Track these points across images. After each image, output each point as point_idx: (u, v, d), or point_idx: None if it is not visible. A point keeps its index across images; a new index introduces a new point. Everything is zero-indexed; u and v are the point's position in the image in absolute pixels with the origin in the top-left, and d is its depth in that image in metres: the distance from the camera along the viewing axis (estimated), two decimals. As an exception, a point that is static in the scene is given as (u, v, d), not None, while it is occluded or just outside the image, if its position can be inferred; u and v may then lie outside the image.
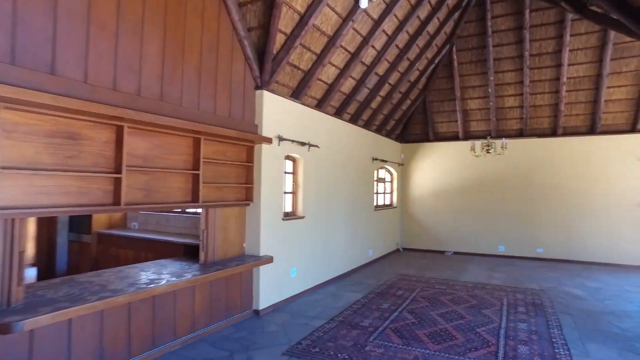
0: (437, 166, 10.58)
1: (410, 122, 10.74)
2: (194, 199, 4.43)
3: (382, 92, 8.45)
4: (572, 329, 4.85)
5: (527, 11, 8.01)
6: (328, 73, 6.66)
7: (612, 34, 7.78)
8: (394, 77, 8.34)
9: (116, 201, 3.52)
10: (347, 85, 7.34)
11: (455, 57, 9.20)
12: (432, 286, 6.88)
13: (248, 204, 5.33)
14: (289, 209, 6.38)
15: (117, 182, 3.53)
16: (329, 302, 5.95)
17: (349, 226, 7.93)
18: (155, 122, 3.74)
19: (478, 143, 8.87)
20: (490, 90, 9.30)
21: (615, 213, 8.80)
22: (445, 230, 10.40)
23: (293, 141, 6.02)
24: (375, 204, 9.40)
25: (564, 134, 9.37)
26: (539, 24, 8.21)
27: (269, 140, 5.29)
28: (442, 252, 10.34)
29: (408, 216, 10.87)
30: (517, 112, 9.58)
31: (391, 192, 10.81)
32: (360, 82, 7.47)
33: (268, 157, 5.53)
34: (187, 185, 4.41)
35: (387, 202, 10.59)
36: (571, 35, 8.09)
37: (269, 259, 5.26)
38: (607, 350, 4.28)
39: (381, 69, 7.79)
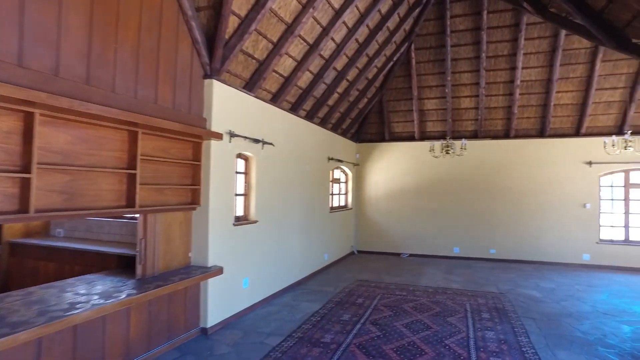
0: (393, 167, 10.39)
1: (366, 121, 10.46)
2: (130, 204, 3.72)
3: (340, 89, 8.06)
4: (539, 336, 4.71)
5: (485, 12, 7.97)
6: (285, 65, 6.14)
7: (562, 39, 7.94)
8: (352, 74, 7.98)
9: (23, 207, 2.78)
10: (304, 79, 6.86)
11: (413, 55, 9.01)
12: (392, 292, 6.57)
13: (194, 208, 4.69)
14: (240, 212, 5.78)
15: (25, 184, 2.79)
16: (285, 315, 5.44)
17: (305, 230, 7.45)
18: (79, 110, 3.03)
19: (437, 144, 8.74)
20: (447, 90, 9.23)
21: (563, 213, 9.05)
22: (401, 232, 10.23)
23: (246, 138, 5.43)
24: (330, 205, 9.00)
25: (517, 136, 9.52)
26: (495, 26, 8.21)
27: (218, 136, 4.68)
28: (398, 255, 10.17)
29: (363, 218, 10.59)
30: (472, 114, 9.60)
31: (346, 193, 10.48)
32: (318, 77, 7.02)
33: (218, 155, 4.91)
34: (121, 187, 3.71)
35: (342, 203, 10.24)
36: (525, 39, 8.16)
37: (218, 270, 4.65)
38: (576, 356, 4.16)
39: (340, 63, 7.39)
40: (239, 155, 5.64)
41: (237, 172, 5.54)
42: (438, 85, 9.38)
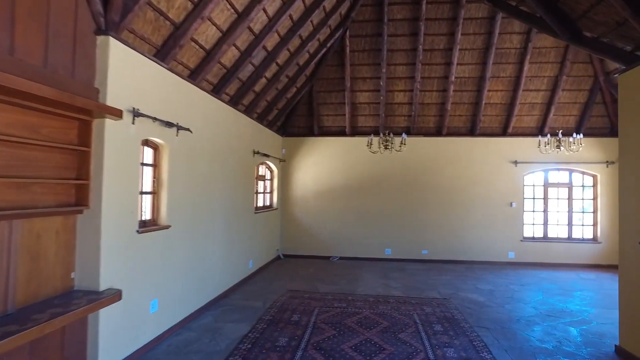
0: (322, 164, 9.65)
1: (294, 113, 9.57)
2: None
3: (269, 73, 7.07)
4: (500, 349, 4.24)
5: (424, 2, 7.57)
6: (207, 34, 5.00)
7: (496, 37, 7.85)
8: (283, 57, 7.03)
9: None
10: (230, 56, 5.76)
11: (348, 43, 8.33)
12: (330, 304, 5.77)
13: (81, 211, 3.39)
14: (147, 216, 4.53)
15: None
16: (206, 344, 4.33)
17: (227, 234, 6.34)
18: None
19: (376, 138, 8.14)
20: (382, 83, 8.72)
21: (491, 212, 9.07)
22: (330, 233, 9.54)
23: (155, 119, 4.21)
24: (255, 205, 7.97)
25: (448, 134, 9.36)
26: (433, 18, 7.86)
27: (116, 113, 3.42)
28: (328, 258, 9.45)
29: (289, 219, 9.70)
30: (406, 109, 9.23)
31: (271, 192, 9.49)
32: (246, 55, 5.96)
33: (116, 140, 3.65)
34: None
35: (268, 203, 9.23)
36: (462, 34, 7.94)
37: (114, 295, 3.40)
38: (546, 376, 3.72)
39: (270, 43, 6.41)
40: (146, 143, 4.39)
41: (142, 164, 4.29)
42: (372, 77, 8.84)
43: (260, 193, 8.58)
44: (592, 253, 8.86)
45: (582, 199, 9.14)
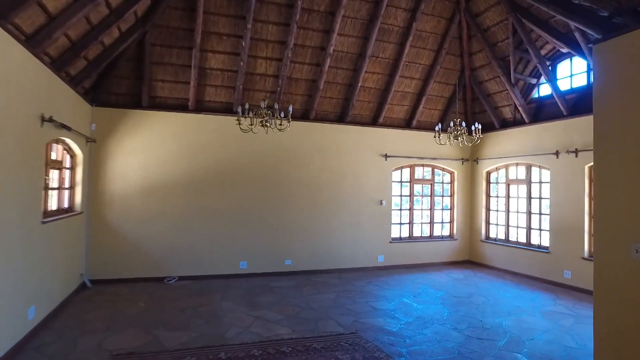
0: (154, 148, 6.87)
1: (113, 72, 6.47)
2: None
3: (78, -10, 4.16)
4: None
5: (310, -60, 5.84)
6: None
7: (384, 8, 6.73)
8: (102, -37, 4.22)
9: None
10: None
11: (203, -23, 5.92)
12: (196, 375, 3.46)
13: None
14: None
15: None
16: None
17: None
18: None
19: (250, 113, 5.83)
20: (244, 44, 6.58)
21: (360, 211, 8.01)
22: (165, 245, 6.86)
23: None
24: (43, 209, 4.81)
25: (316, 119, 7.86)
26: (318, -34, 6.21)
27: None
28: (162, 280, 6.77)
29: (101, 226, 6.57)
30: (270, 83, 7.30)
31: (72, 187, 6.20)
32: None
33: None
34: None
35: (66, 204, 5.95)
36: (347, -4, 6.54)
37: None
38: None
39: None
40: None
41: None
42: (232, 34, 6.61)
43: (53, 189, 5.36)
44: (450, 250, 8.77)
45: (442, 195, 9.01)
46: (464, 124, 6.49)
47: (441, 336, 4.52)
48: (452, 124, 6.59)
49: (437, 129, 6.45)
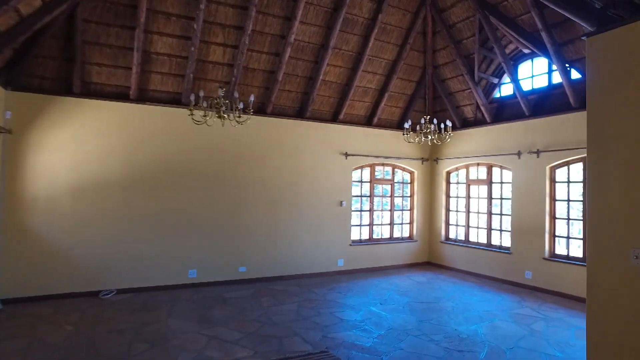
0: (86, 143, 5.93)
1: (35, 50, 5.47)
2: None
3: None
4: None
5: None
6: None
7: (347, -3, 6.33)
8: None
9: None
10: None
11: (148, -55, 5.14)
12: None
13: None
14: None
15: None
16: None
17: None
18: None
19: (205, 103, 5.10)
20: (196, 27, 5.86)
21: (319, 212, 7.54)
22: (100, 253, 5.95)
23: None
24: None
25: (274, 113, 7.27)
26: (281, -56, 5.65)
27: None
28: (97, 294, 5.86)
29: (18, 235, 5.51)
30: (223, 72, 6.61)
31: (-18, 187, 5.16)
32: None
33: None
34: None
35: (-27, 207, 4.92)
36: (311, -20, 6.04)
37: None
38: None
39: None
40: None
41: None
42: (183, 15, 5.87)
43: (-47, 189, 4.35)
44: (410, 252, 8.57)
45: (402, 196, 8.78)
46: (435, 121, 6.23)
47: (419, 350, 4.16)
48: (422, 121, 6.31)
49: (406, 126, 6.15)
